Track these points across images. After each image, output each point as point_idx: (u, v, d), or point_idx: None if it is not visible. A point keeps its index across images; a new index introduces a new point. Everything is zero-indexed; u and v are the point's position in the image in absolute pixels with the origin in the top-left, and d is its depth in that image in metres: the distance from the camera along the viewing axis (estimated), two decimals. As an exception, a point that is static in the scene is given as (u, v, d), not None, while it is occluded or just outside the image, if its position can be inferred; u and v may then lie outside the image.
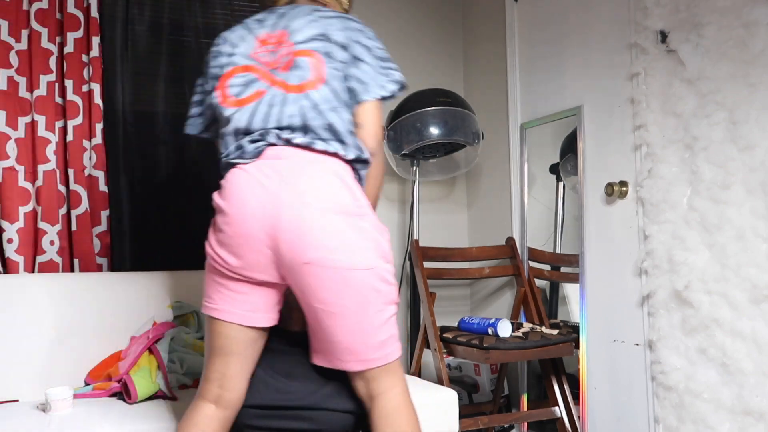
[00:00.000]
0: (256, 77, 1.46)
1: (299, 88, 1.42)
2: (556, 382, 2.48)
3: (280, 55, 1.46)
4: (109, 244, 2.43)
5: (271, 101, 1.43)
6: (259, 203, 1.33)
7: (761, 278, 1.84)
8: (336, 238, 1.32)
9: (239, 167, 1.40)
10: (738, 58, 1.93)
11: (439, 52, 3.26)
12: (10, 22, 2.30)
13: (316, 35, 1.46)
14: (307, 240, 1.30)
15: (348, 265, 1.32)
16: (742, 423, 1.88)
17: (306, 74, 1.43)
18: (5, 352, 2.00)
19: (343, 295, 1.33)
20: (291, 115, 1.41)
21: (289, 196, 1.32)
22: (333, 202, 1.34)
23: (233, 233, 1.35)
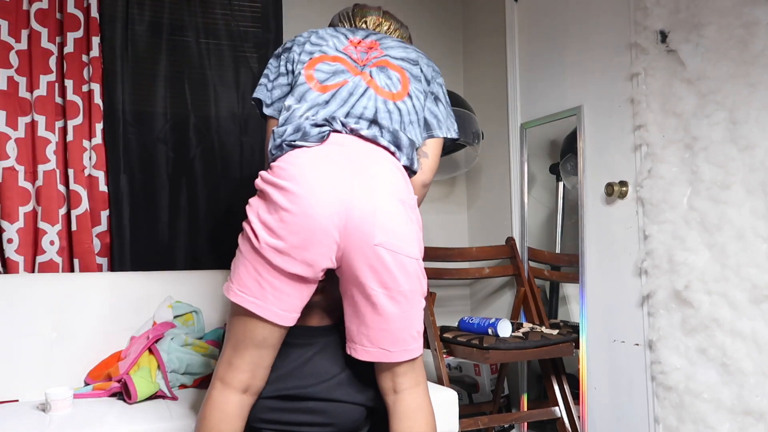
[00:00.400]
0: (345, 68, 1.53)
1: (383, 92, 1.51)
2: (556, 382, 2.48)
3: (370, 57, 1.55)
4: (109, 244, 2.43)
5: (353, 90, 1.49)
6: (330, 184, 1.33)
7: (761, 278, 1.84)
8: (401, 225, 1.37)
9: (300, 149, 1.40)
10: (738, 58, 1.93)
11: (439, 52, 3.26)
12: (10, 22, 2.30)
13: (407, 58, 1.59)
14: (379, 222, 1.33)
15: (407, 252, 1.37)
16: (742, 423, 1.88)
17: (393, 86, 1.53)
18: (5, 352, 2.00)
19: (402, 281, 1.36)
20: (365, 107, 1.47)
21: (360, 179, 1.35)
22: (398, 190, 1.39)
23: (300, 212, 1.31)
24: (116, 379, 1.95)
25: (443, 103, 1.63)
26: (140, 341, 2.03)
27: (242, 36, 2.69)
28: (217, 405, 1.41)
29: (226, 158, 2.64)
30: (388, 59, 1.57)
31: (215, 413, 1.40)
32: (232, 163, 2.64)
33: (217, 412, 1.40)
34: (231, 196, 2.64)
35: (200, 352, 2.09)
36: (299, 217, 1.32)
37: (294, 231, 1.32)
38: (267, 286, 1.35)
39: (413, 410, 1.42)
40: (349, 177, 1.35)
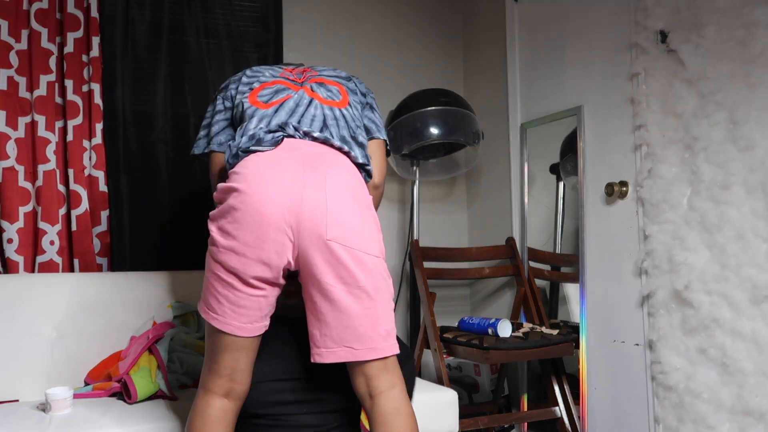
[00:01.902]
0: (285, 87, 1.61)
1: (327, 102, 1.58)
2: (556, 382, 2.48)
3: (306, 77, 1.66)
4: (109, 244, 2.43)
5: (298, 101, 1.56)
6: (281, 183, 1.36)
7: (761, 278, 1.84)
8: (355, 221, 1.38)
9: (255, 154, 1.43)
10: (738, 58, 1.93)
11: (439, 52, 3.26)
12: (10, 22, 2.30)
13: (340, 75, 1.71)
14: (331, 218, 1.35)
15: (365, 249, 1.39)
16: (742, 423, 1.88)
17: (335, 96, 1.61)
18: (5, 352, 2.00)
19: (361, 277, 1.37)
20: (314, 116, 1.54)
21: (312, 178, 1.37)
22: (351, 188, 1.41)
23: (251, 209, 1.34)
24: (116, 379, 1.95)
25: (377, 112, 1.74)
26: (140, 341, 2.03)
27: (242, 36, 2.69)
28: (200, 410, 1.43)
29: (226, 158, 2.63)
30: (323, 77, 1.67)
31: (198, 418, 1.43)
32: (232, 163, 2.64)
33: (200, 417, 1.43)
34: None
35: (200, 352, 2.09)
36: (250, 215, 1.34)
37: (246, 229, 1.34)
38: (224, 300, 1.38)
39: (391, 414, 1.40)
40: (302, 175, 1.37)
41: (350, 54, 3.05)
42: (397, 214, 3.10)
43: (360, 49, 3.07)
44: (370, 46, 3.09)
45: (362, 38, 3.08)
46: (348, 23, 3.05)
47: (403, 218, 3.10)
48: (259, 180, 1.36)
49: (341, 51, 3.03)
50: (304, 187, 1.36)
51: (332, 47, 3.01)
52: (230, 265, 1.36)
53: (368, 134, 1.68)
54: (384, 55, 3.12)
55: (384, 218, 3.07)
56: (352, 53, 3.05)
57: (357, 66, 3.05)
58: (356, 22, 3.07)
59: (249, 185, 1.35)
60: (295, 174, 1.37)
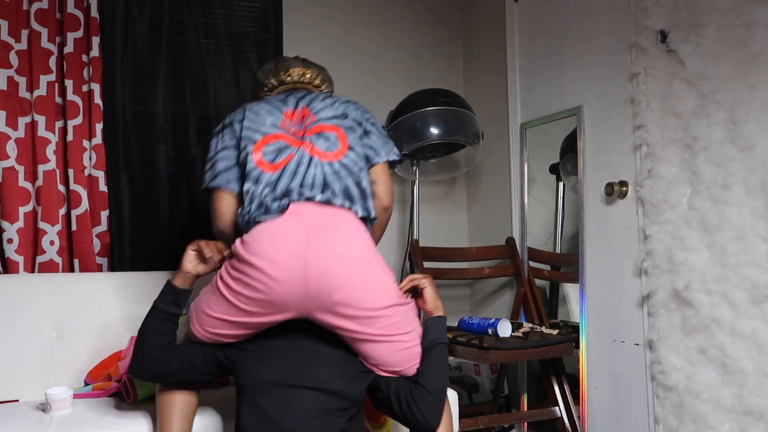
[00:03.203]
0: (287, 143, 1.68)
1: (325, 155, 1.66)
2: (556, 382, 2.48)
3: (306, 125, 1.72)
4: (109, 244, 2.43)
5: (299, 161, 1.64)
6: (289, 255, 1.50)
7: (761, 278, 1.84)
8: (360, 281, 1.52)
9: (264, 223, 1.56)
10: (738, 58, 1.93)
11: (439, 52, 3.26)
12: (10, 22, 2.30)
13: (338, 114, 1.75)
14: (334, 283, 1.49)
15: (371, 304, 1.53)
16: (742, 423, 1.88)
17: (333, 146, 1.68)
18: (5, 352, 2.00)
19: (369, 330, 1.54)
20: (314, 176, 1.63)
21: (315, 247, 1.50)
22: (353, 249, 1.55)
23: (266, 286, 1.49)
24: (116, 378, 1.95)
25: (376, 134, 1.79)
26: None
27: (242, 36, 2.69)
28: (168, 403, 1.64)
29: (226, 158, 2.63)
30: (321, 123, 1.72)
31: (168, 409, 1.63)
32: (232, 163, 2.64)
33: (170, 407, 1.63)
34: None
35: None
36: (267, 287, 1.50)
37: (260, 302, 1.52)
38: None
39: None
40: (304, 246, 1.50)
41: (350, 54, 3.05)
42: (397, 214, 3.10)
43: (360, 50, 3.07)
44: (370, 47, 3.09)
45: (362, 39, 3.08)
46: (348, 24, 3.05)
47: (403, 218, 3.10)
48: (269, 255, 1.49)
49: (341, 51, 3.03)
50: (308, 257, 1.49)
51: (332, 47, 3.01)
52: (219, 330, 1.59)
53: (368, 162, 1.75)
54: (384, 55, 3.12)
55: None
56: (351, 53, 3.05)
57: (357, 66, 3.05)
58: (356, 22, 3.07)
59: (262, 261, 1.49)
60: (299, 245, 1.50)
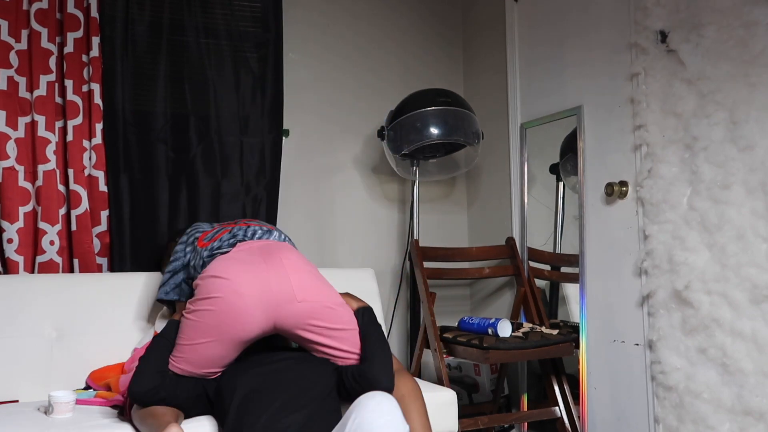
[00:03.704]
0: (222, 227, 1.99)
1: (258, 224, 1.97)
2: (556, 382, 2.48)
3: (238, 222, 2.02)
4: (109, 244, 2.43)
5: (237, 230, 1.92)
6: (249, 269, 1.71)
7: (761, 278, 1.84)
8: (309, 279, 1.77)
9: (220, 255, 1.80)
10: (738, 58, 1.93)
11: (439, 52, 3.26)
12: (10, 22, 2.30)
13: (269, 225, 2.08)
14: (296, 288, 1.72)
15: (326, 301, 1.76)
16: (742, 423, 1.88)
17: (264, 225, 2.00)
18: (5, 352, 2.00)
19: (333, 324, 1.76)
20: (254, 231, 1.92)
21: (271, 261, 1.74)
22: (301, 259, 1.81)
23: (228, 295, 1.66)
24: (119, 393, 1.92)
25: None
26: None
27: (242, 36, 2.69)
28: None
29: (226, 158, 2.63)
30: (252, 222, 2.03)
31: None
32: (232, 163, 2.64)
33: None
34: (231, 196, 2.64)
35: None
36: (232, 305, 1.68)
37: (229, 320, 1.68)
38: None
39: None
40: (261, 261, 1.73)
41: (350, 54, 3.05)
42: (397, 214, 3.10)
43: (360, 50, 3.07)
44: (370, 47, 3.09)
45: (362, 38, 3.08)
46: (348, 23, 3.05)
47: (403, 218, 3.10)
48: (232, 275, 1.69)
49: (341, 51, 3.03)
50: (270, 272, 1.71)
51: (332, 47, 3.01)
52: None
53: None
54: (384, 55, 3.12)
55: (384, 218, 3.07)
56: (351, 53, 3.05)
57: (356, 66, 3.05)
58: (356, 22, 3.07)
59: (226, 281, 1.67)
60: (255, 261, 1.73)
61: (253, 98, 2.69)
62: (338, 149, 2.99)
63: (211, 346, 1.68)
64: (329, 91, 2.99)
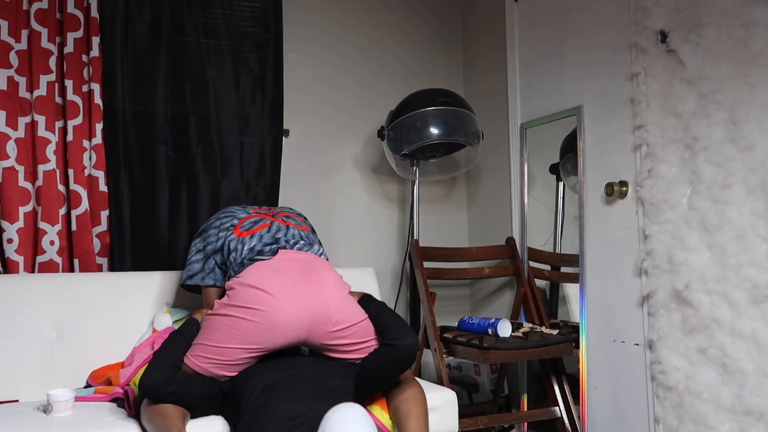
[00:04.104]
0: (261, 217, 2.04)
1: (297, 227, 2.04)
2: (556, 382, 2.48)
3: (274, 211, 2.11)
4: (109, 244, 2.43)
5: (277, 229, 1.99)
6: (290, 286, 1.76)
7: (761, 278, 1.84)
8: (343, 303, 1.82)
9: (261, 261, 1.84)
10: (738, 58, 1.93)
11: (439, 52, 3.26)
12: (10, 22, 2.30)
13: (297, 212, 2.22)
14: (332, 311, 1.78)
15: (356, 319, 1.82)
16: (742, 423, 1.88)
17: (300, 224, 2.08)
18: (5, 352, 2.00)
19: (357, 341, 1.83)
20: (294, 235, 2.00)
21: (312, 281, 1.79)
22: (337, 278, 1.87)
23: (270, 310, 1.71)
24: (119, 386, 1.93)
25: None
26: (144, 350, 2.02)
27: (242, 36, 2.69)
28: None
29: (226, 158, 2.64)
30: (287, 212, 2.14)
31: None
32: (232, 163, 2.64)
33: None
34: (231, 196, 2.64)
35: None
36: (269, 314, 1.72)
37: (263, 329, 1.73)
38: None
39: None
40: (302, 279, 1.79)
41: (350, 54, 3.05)
42: (397, 214, 3.11)
43: (360, 50, 3.07)
44: (370, 47, 3.09)
45: (362, 39, 3.08)
46: (348, 23, 3.05)
47: (403, 218, 3.10)
48: (271, 286, 1.74)
49: (341, 51, 3.03)
50: (308, 289, 1.77)
51: (332, 47, 3.01)
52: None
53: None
54: (384, 55, 3.12)
55: (384, 218, 3.07)
56: (351, 54, 3.05)
57: (356, 66, 3.05)
58: (356, 22, 3.07)
59: (265, 289, 1.73)
60: (297, 278, 1.78)
61: (253, 98, 2.70)
62: (338, 149, 2.99)
63: (238, 352, 1.72)
64: (329, 91, 2.99)
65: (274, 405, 1.59)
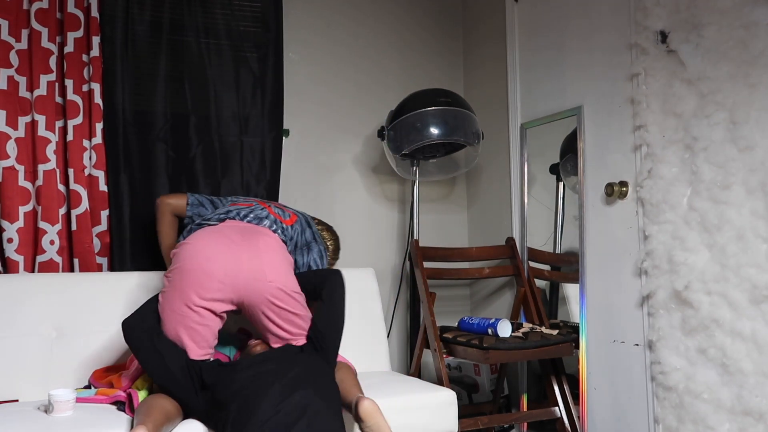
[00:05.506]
0: (258, 203, 2.20)
1: (276, 215, 2.14)
2: (556, 382, 2.48)
3: (276, 205, 2.24)
4: (109, 244, 2.43)
5: (255, 209, 2.14)
6: (225, 242, 1.89)
7: (761, 278, 1.84)
8: (279, 266, 1.93)
9: (207, 226, 2.01)
10: (738, 58, 1.93)
11: (439, 52, 3.26)
12: (10, 22, 2.30)
13: (302, 211, 2.31)
14: (267, 267, 1.90)
15: (290, 287, 1.93)
16: (742, 423, 1.88)
17: (284, 215, 2.19)
18: (5, 352, 2.00)
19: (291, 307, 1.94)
20: (257, 215, 2.11)
21: (249, 241, 1.92)
22: (276, 248, 1.97)
23: (198, 257, 1.85)
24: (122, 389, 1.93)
25: (317, 255, 2.22)
26: None
27: (242, 36, 2.69)
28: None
29: (226, 158, 2.63)
30: (285, 206, 2.24)
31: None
32: (232, 162, 2.64)
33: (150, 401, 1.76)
34: (231, 196, 2.63)
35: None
36: (208, 272, 1.86)
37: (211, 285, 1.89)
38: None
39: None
40: (241, 243, 1.90)
41: (349, 56, 3.05)
42: (397, 214, 3.11)
43: (360, 51, 3.07)
44: (370, 47, 3.09)
45: (362, 39, 3.08)
46: (348, 25, 3.05)
47: (403, 218, 3.10)
48: (208, 249, 1.87)
49: (340, 53, 3.03)
50: (241, 246, 1.88)
51: (332, 47, 3.01)
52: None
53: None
54: (384, 55, 3.12)
55: (384, 218, 3.07)
56: (352, 54, 3.05)
57: (356, 67, 3.05)
58: (356, 24, 3.07)
59: (204, 251, 1.86)
60: (234, 237, 1.91)
61: (253, 98, 2.69)
62: (338, 149, 2.99)
63: (180, 304, 1.83)
64: (329, 91, 2.99)
65: (254, 404, 1.62)
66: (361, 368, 2.27)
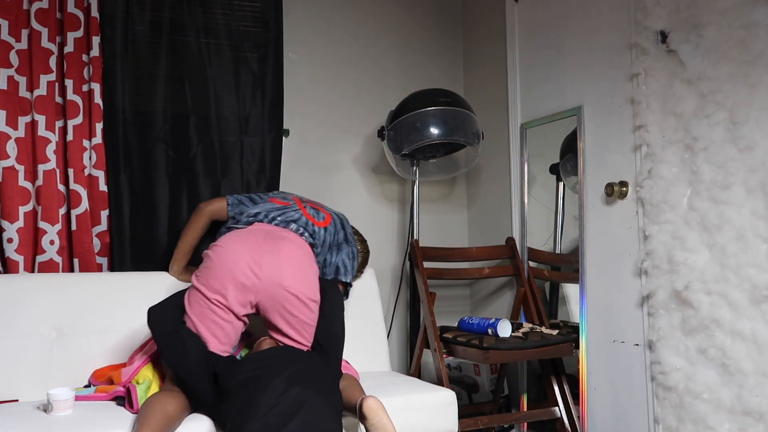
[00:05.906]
0: (294, 202, 2.27)
1: (310, 218, 2.17)
2: (556, 382, 2.48)
3: (308, 202, 2.30)
4: (109, 244, 2.43)
5: (288, 209, 2.20)
6: (251, 244, 1.95)
7: (761, 278, 1.84)
8: (299, 270, 1.97)
9: (235, 229, 2.08)
10: (738, 58, 1.93)
11: (439, 52, 3.26)
12: (10, 22, 2.30)
13: (337, 212, 2.38)
14: (284, 274, 1.93)
15: (308, 296, 1.96)
16: (742, 423, 1.88)
17: (318, 217, 2.22)
18: (5, 352, 2.00)
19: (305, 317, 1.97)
20: (293, 219, 2.13)
21: (272, 245, 1.96)
22: (299, 254, 2.00)
23: (221, 252, 1.94)
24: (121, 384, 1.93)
25: (348, 257, 2.25)
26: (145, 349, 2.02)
27: (242, 36, 2.69)
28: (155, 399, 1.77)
29: (226, 158, 2.63)
30: (320, 206, 2.28)
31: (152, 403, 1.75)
32: (232, 162, 2.64)
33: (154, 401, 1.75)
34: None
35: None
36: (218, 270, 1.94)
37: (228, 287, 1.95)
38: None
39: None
40: (263, 245, 1.95)
41: (349, 56, 3.05)
42: (397, 214, 3.11)
43: (360, 51, 3.07)
44: (370, 47, 3.09)
45: (362, 39, 3.08)
46: (348, 25, 3.05)
47: (403, 218, 3.10)
48: (232, 253, 1.92)
49: (340, 53, 3.03)
50: (262, 248, 1.93)
51: (332, 47, 3.01)
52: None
53: (336, 274, 2.19)
54: (384, 55, 3.12)
55: (384, 218, 3.07)
56: (352, 54, 3.05)
57: (356, 67, 3.05)
58: (356, 24, 3.07)
59: (225, 255, 1.92)
60: (258, 240, 1.96)
61: (253, 98, 2.69)
62: (338, 149, 2.99)
63: (202, 297, 1.88)
64: (330, 91, 2.99)
65: (256, 397, 1.64)
66: (361, 368, 2.27)
